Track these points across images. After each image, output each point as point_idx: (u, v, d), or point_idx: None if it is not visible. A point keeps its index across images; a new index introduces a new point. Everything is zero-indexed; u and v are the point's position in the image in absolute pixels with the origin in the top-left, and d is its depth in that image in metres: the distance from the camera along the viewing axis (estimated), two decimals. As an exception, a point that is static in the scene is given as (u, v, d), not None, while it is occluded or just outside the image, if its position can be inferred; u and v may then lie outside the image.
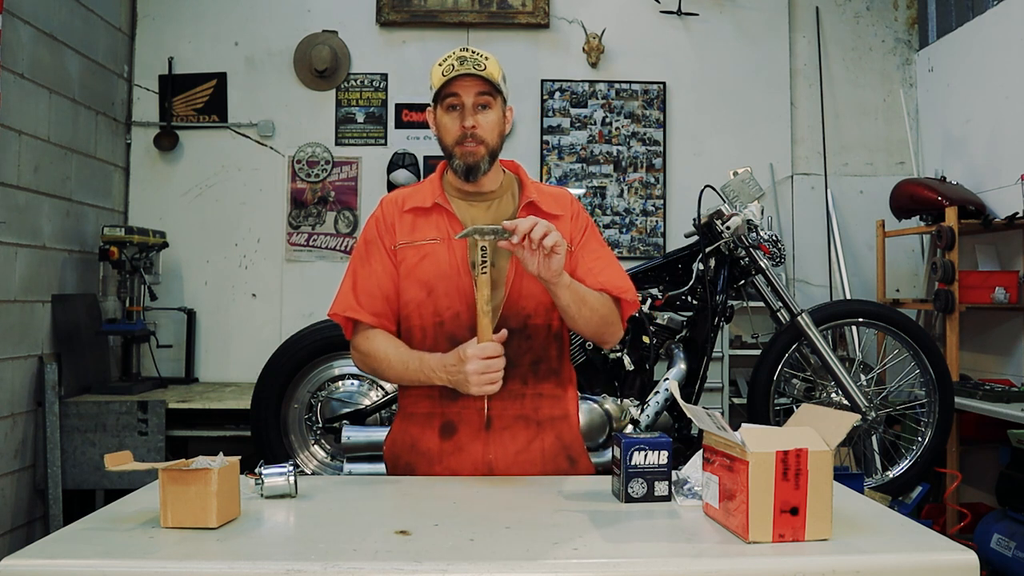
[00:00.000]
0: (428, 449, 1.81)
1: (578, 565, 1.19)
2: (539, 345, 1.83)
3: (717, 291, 3.02)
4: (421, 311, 1.82)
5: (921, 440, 3.33)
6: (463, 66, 1.76)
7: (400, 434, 1.87)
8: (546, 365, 1.84)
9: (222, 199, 4.46)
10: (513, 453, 1.79)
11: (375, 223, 1.88)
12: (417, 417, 1.84)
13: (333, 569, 1.15)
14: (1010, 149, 3.84)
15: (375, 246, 1.86)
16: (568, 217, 1.87)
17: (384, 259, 1.84)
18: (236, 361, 4.35)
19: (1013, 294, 3.73)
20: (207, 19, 4.49)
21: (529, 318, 1.81)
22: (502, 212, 1.86)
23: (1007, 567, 3.09)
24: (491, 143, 1.81)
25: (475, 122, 1.78)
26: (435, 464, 1.80)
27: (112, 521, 1.38)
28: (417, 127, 4.51)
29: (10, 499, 3.32)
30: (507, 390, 1.77)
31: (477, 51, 1.80)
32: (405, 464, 1.84)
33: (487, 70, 1.78)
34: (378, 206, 1.91)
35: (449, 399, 1.79)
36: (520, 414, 1.81)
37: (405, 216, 1.85)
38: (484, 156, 1.80)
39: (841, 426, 1.29)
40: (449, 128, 1.80)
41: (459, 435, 1.80)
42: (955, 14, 4.36)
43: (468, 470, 1.78)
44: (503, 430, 1.79)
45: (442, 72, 1.78)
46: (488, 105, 1.79)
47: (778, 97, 4.60)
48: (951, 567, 1.21)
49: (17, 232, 3.37)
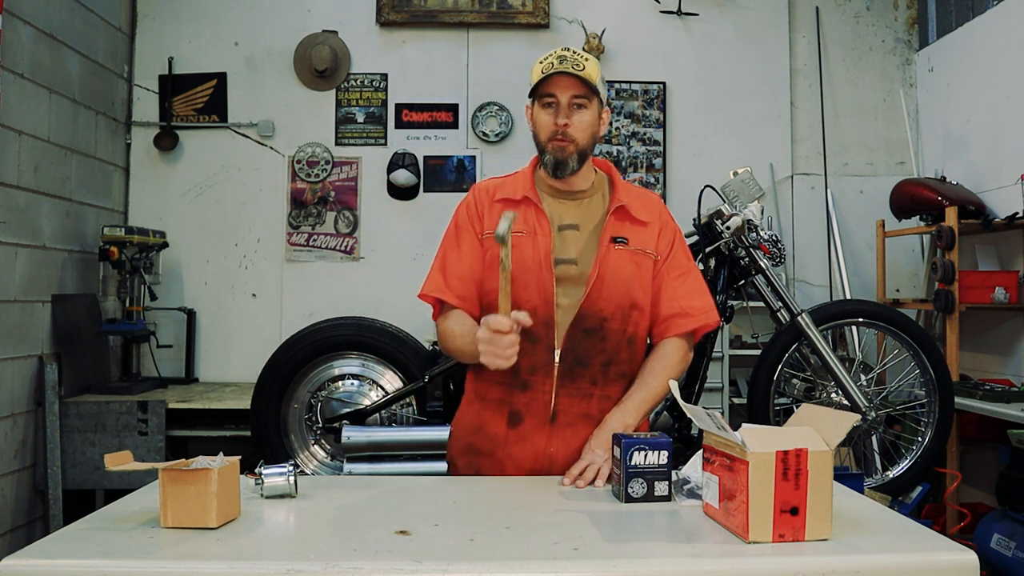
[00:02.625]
0: (495, 434, 1.86)
1: (578, 565, 1.19)
2: (612, 347, 1.84)
3: (717, 291, 3.01)
4: None
5: (921, 440, 3.33)
6: (562, 64, 1.79)
7: (468, 415, 1.93)
8: (617, 368, 1.86)
9: (222, 199, 4.46)
10: (575, 450, 1.81)
11: (466, 208, 1.92)
12: (488, 402, 1.88)
13: (333, 569, 1.15)
14: (1010, 149, 3.84)
15: (466, 231, 1.90)
16: (656, 226, 1.90)
17: (474, 244, 1.88)
18: (236, 361, 4.35)
19: (1013, 294, 3.73)
20: (207, 19, 4.49)
21: (605, 320, 1.83)
22: (592, 211, 1.89)
23: (1007, 567, 3.09)
24: (582, 142, 1.83)
25: (569, 120, 1.81)
26: (499, 449, 1.85)
27: (112, 521, 1.38)
28: (417, 127, 4.51)
29: (10, 499, 3.32)
30: (575, 387, 1.82)
31: (578, 52, 1.83)
32: (467, 444, 1.90)
33: (585, 71, 1.80)
34: (470, 192, 1.96)
35: (519, 389, 1.83)
36: (585, 412, 1.83)
37: (495, 206, 1.88)
38: (573, 154, 1.82)
39: (841, 426, 1.30)
40: (543, 124, 1.84)
41: (524, 425, 1.84)
42: (955, 14, 4.36)
43: (530, 460, 1.83)
44: (567, 426, 1.83)
45: (541, 69, 1.81)
46: (583, 105, 1.82)
47: (778, 97, 4.60)
48: (951, 567, 1.21)
49: (17, 232, 3.37)
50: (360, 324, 3.35)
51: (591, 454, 1.73)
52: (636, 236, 1.86)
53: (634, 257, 1.85)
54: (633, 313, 1.85)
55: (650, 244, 1.87)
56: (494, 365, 1.65)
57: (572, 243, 1.85)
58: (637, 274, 1.85)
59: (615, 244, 1.84)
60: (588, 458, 1.72)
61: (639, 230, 1.87)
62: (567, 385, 1.82)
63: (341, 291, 4.40)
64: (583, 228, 1.86)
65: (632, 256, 1.85)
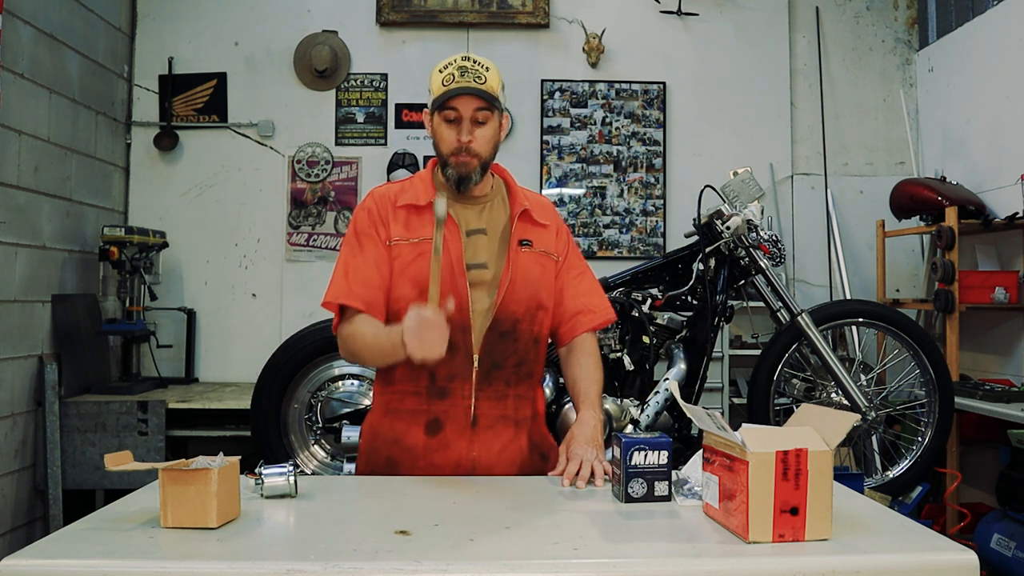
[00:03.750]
0: (413, 445, 1.82)
1: (578, 565, 1.19)
2: (522, 348, 1.86)
3: (717, 291, 3.01)
4: None
5: (921, 440, 3.32)
6: (464, 78, 1.77)
7: (382, 427, 1.87)
8: (526, 368, 1.89)
9: (222, 199, 4.46)
10: (496, 452, 1.83)
11: (367, 214, 1.87)
12: (402, 413, 1.85)
13: (333, 569, 1.15)
14: (1010, 149, 3.84)
15: (368, 237, 1.85)
16: (554, 229, 1.95)
17: (379, 250, 1.83)
18: (236, 361, 4.35)
19: (1013, 294, 3.73)
20: (207, 19, 4.49)
21: (518, 322, 1.85)
22: (494, 216, 1.90)
23: (1007, 567, 3.09)
24: (485, 155, 1.84)
25: (472, 136, 1.80)
26: (419, 459, 1.82)
27: (112, 521, 1.38)
28: (417, 127, 4.51)
29: (10, 499, 3.32)
30: (493, 390, 1.83)
31: (478, 61, 1.81)
32: (386, 458, 1.85)
33: (487, 83, 1.79)
34: (368, 197, 1.91)
35: (437, 397, 1.81)
36: (503, 414, 1.85)
37: (398, 212, 1.85)
38: (476, 168, 1.83)
39: (841, 426, 1.29)
40: (446, 139, 1.82)
41: (445, 432, 1.82)
42: (955, 14, 4.36)
43: (452, 467, 1.81)
44: (487, 429, 1.83)
45: (442, 81, 1.79)
46: (486, 120, 1.81)
47: (778, 97, 4.60)
48: (951, 567, 1.21)
49: (17, 232, 3.37)
50: (360, 324, 3.34)
51: (582, 450, 1.71)
52: (539, 238, 1.90)
53: (539, 259, 1.89)
54: (539, 313, 1.88)
55: (551, 246, 1.92)
56: (422, 354, 1.58)
57: (482, 248, 1.85)
58: (542, 275, 1.89)
59: (522, 247, 1.86)
60: (580, 455, 1.70)
61: (541, 232, 1.91)
62: (485, 388, 1.82)
63: (341, 291, 4.39)
64: (491, 232, 1.87)
65: (537, 258, 1.88)
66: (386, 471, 1.84)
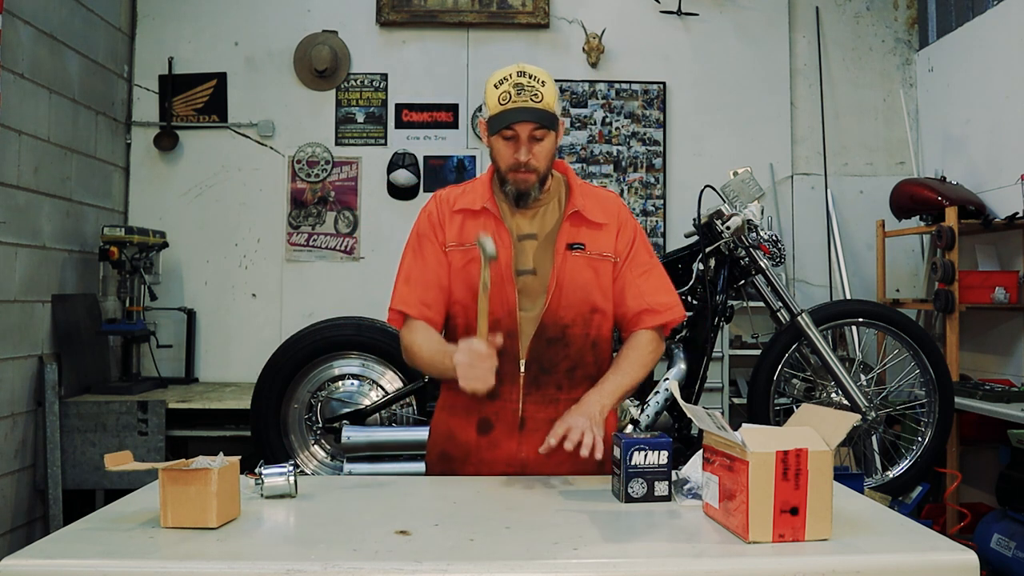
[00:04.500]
0: (465, 442, 1.86)
1: (578, 565, 1.19)
2: (575, 352, 1.85)
3: (717, 291, 3.01)
4: (467, 312, 1.85)
5: (921, 440, 3.32)
6: (520, 97, 1.75)
7: (440, 423, 1.93)
8: (582, 371, 1.87)
9: (222, 199, 4.46)
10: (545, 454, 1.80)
11: (427, 217, 1.91)
12: (457, 410, 1.88)
13: (333, 569, 1.15)
14: (1010, 149, 3.84)
15: (427, 239, 1.88)
16: (614, 227, 1.89)
17: (437, 252, 1.87)
18: (236, 361, 4.35)
19: (1013, 294, 3.72)
20: (207, 19, 4.49)
21: (567, 328, 1.84)
22: (548, 219, 1.88)
23: (1007, 567, 3.09)
24: (543, 170, 1.82)
25: (531, 155, 1.78)
26: (471, 455, 1.85)
27: (112, 521, 1.38)
28: (417, 127, 4.51)
29: (10, 499, 3.32)
30: (541, 394, 1.83)
31: (534, 76, 1.78)
32: (441, 452, 1.90)
33: (543, 101, 1.76)
34: (431, 200, 1.94)
35: (488, 398, 1.81)
36: (553, 418, 1.80)
37: (455, 216, 1.87)
38: (535, 184, 1.81)
39: (841, 426, 1.30)
40: (503, 155, 1.81)
41: (495, 432, 1.84)
42: (955, 14, 4.36)
43: (502, 465, 1.83)
44: (535, 431, 1.82)
45: (498, 99, 1.77)
46: (543, 136, 1.79)
47: (778, 97, 4.60)
48: (951, 567, 1.21)
49: (17, 232, 3.37)
50: (360, 324, 3.35)
51: (572, 418, 1.71)
52: (593, 240, 1.86)
53: (591, 263, 1.85)
54: (595, 317, 1.85)
55: (608, 247, 1.86)
56: (471, 386, 1.65)
57: (530, 253, 1.85)
58: (595, 279, 1.85)
59: (571, 251, 1.84)
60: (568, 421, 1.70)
61: (596, 233, 1.86)
62: (533, 393, 1.82)
63: (341, 291, 4.40)
64: (541, 237, 1.86)
65: (589, 262, 1.85)
66: (439, 464, 1.88)
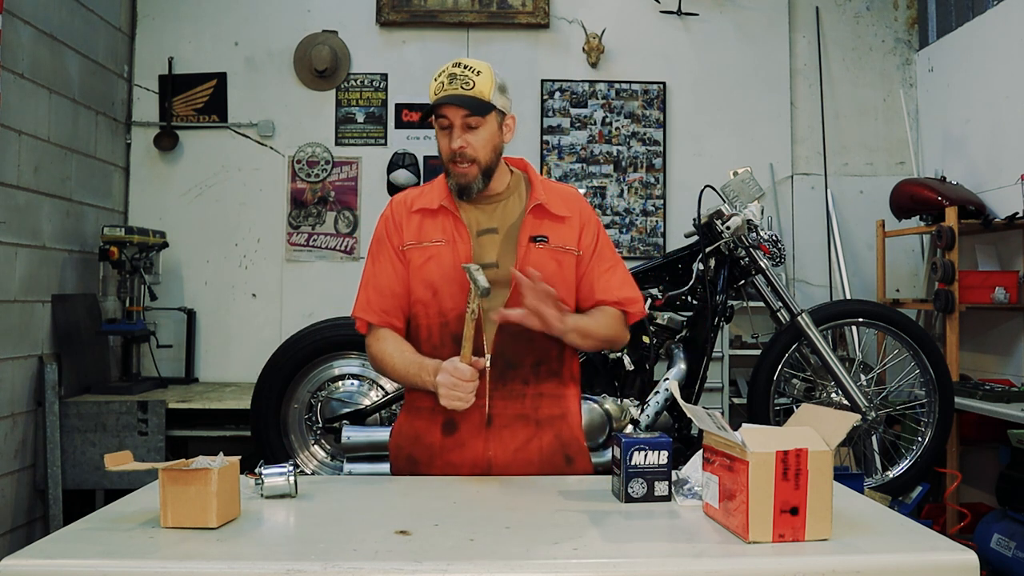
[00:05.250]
0: (431, 443, 1.85)
1: (578, 565, 1.19)
2: (540, 347, 1.84)
3: (717, 291, 3.01)
4: (427, 311, 1.85)
5: (921, 440, 3.32)
6: (452, 85, 1.78)
7: (405, 426, 1.91)
8: (547, 366, 1.87)
9: (222, 199, 4.46)
10: (512, 451, 1.82)
11: (384, 222, 1.92)
12: (422, 411, 1.87)
13: (333, 569, 1.15)
14: (1010, 149, 3.84)
15: (384, 245, 1.89)
16: (577, 221, 1.89)
17: (392, 257, 1.87)
18: (236, 361, 4.35)
19: (1013, 294, 3.72)
20: (207, 19, 4.49)
21: None
22: (509, 212, 1.88)
23: (1007, 567, 3.09)
24: (483, 160, 1.82)
25: (463, 142, 1.80)
26: (436, 458, 1.84)
27: (112, 521, 1.38)
28: (417, 127, 4.51)
29: (10, 499, 3.32)
30: (508, 389, 1.82)
31: (469, 66, 1.80)
32: (407, 455, 1.88)
33: (475, 88, 1.78)
34: (388, 205, 1.94)
35: None
36: (520, 413, 1.83)
37: (413, 216, 1.88)
38: (476, 176, 1.82)
39: (841, 426, 1.30)
40: (442, 147, 1.84)
41: (460, 432, 1.83)
42: (955, 14, 4.36)
43: (468, 466, 1.81)
44: (503, 428, 1.82)
45: (434, 90, 1.81)
46: (477, 125, 1.80)
47: (778, 97, 4.60)
48: (951, 567, 1.21)
49: (17, 232, 3.37)
50: (360, 324, 3.34)
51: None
52: (556, 233, 1.86)
53: (555, 255, 1.85)
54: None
55: (571, 240, 1.87)
56: (453, 406, 1.68)
57: (491, 247, 1.85)
58: (559, 271, 1.85)
59: (535, 243, 1.84)
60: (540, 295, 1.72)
61: (559, 227, 1.86)
62: (500, 388, 1.82)
63: (341, 291, 4.37)
64: (502, 231, 1.86)
65: (553, 254, 1.85)
66: (407, 468, 1.87)
